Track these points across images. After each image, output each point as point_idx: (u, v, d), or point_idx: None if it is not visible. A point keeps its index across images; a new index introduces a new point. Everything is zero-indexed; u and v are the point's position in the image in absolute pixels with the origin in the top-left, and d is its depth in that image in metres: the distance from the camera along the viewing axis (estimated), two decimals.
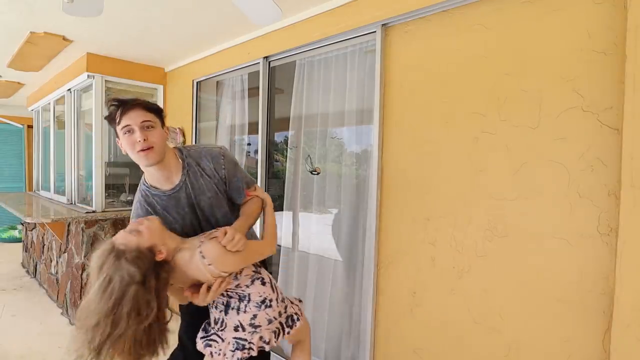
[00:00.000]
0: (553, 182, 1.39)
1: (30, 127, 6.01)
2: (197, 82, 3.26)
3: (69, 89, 3.65)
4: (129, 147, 1.31)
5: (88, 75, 3.22)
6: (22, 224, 5.43)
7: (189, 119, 3.29)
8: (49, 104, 4.26)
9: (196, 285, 1.21)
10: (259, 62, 2.61)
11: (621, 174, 1.20)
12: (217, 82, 3.23)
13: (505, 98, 1.51)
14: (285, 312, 1.39)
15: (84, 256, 3.11)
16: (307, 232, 2.50)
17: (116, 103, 1.33)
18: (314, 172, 2.37)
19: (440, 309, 1.73)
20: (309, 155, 2.41)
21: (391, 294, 1.93)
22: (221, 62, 2.96)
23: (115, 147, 3.84)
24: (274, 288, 1.36)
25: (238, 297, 1.28)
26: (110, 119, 1.34)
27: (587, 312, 1.32)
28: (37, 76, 3.95)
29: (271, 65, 2.59)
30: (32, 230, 4.63)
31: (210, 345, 1.29)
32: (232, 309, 1.28)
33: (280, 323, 1.35)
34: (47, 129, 4.48)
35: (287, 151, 2.62)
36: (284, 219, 2.68)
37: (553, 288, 1.40)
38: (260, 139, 2.63)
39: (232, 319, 1.28)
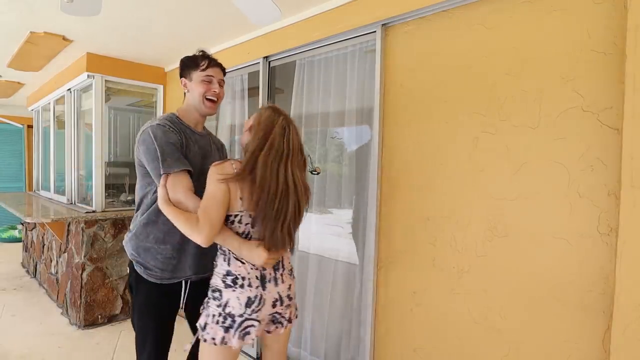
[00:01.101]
0: (553, 182, 1.39)
1: (30, 127, 6.01)
2: None
3: (69, 89, 3.65)
4: (201, 91, 1.52)
5: (88, 75, 3.22)
6: (22, 224, 5.43)
7: None
8: (49, 103, 4.27)
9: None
10: (259, 62, 2.61)
11: (621, 174, 1.20)
12: None
13: (505, 98, 1.51)
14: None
15: (84, 256, 3.11)
16: (307, 232, 2.50)
17: (206, 55, 1.59)
18: (314, 172, 2.37)
19: (440, 309, 1.73)
20: (309, 155, 2.41)
21: (391, 294, 1.93)
22: (221, 62, 2.95)
23: (115, 147, 3.85)
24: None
25: None
26: (193, 63, 1.56)
27: (587, 312, 1.32)
28: (37, 76, 3.95)
29: (271, 65, 2.59)
30: (32, 230, 4.63)
31: (248, 334, 1.30)
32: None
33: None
34: (47, 129, 4.48)
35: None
36: None
37: (553, 288, 1.40)
38: None
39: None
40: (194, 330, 1.57)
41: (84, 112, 3.68)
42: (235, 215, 1.31)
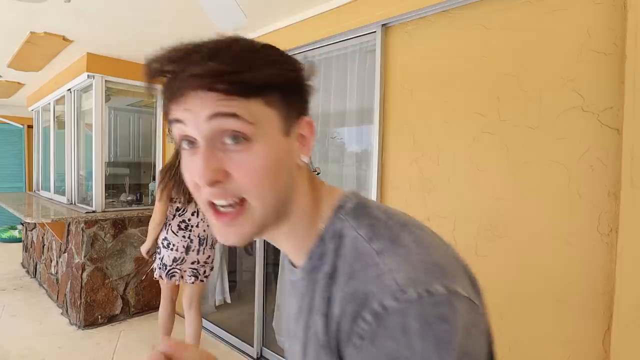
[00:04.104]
0: (553, 182, 1.39)
1: (30, 127, 6.01)
2: None
3: (69, 89, 3.65)
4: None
5: (88, 75, 3.22)
6: (22, 224, 5.43)
7: None
8: (49, 104, 4.27)
9: None
10: None
11: (621, 174, 1.20)
12: None
13: (505, 98, 1.51)
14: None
15: (84, 256, 3.11)
16: None
17: (154, 59, 1.17)
18: (313, 172, 2.37)
19: None
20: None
21: None
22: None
23: (115, 147, 3.85)
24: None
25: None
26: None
27: (587, 312, 1.32)
28: (37, 76, 3.95)
29: None
30: (32, 230, 4.63)
31: (174, 276, 2.28)
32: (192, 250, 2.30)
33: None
34: (47, 129, 4.48)
35: None
36: None
37: (553, 288, 1.40)
38: None
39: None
40: None
41: (84, 112, 3.68)
42: None
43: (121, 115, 3.90)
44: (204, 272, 2.34)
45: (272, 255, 2.74)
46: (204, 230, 2.30)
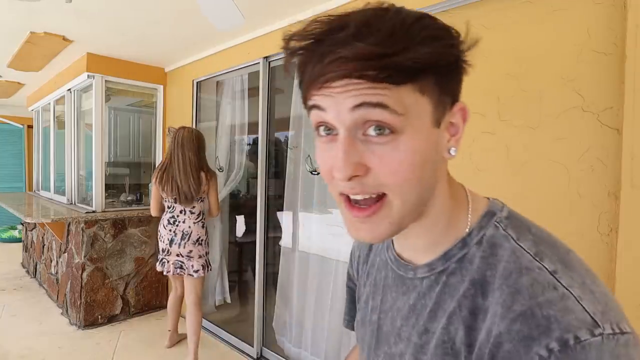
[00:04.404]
0: (553, 182, 1.39)
1: (30, 127, 6.01)
2: (197, 82, 3.26)
3: (69, 89, 3.65)
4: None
5: (88, 75, 3.22)
6: (22, 224, 5.43)
7: (189, 119, 3.29)
8: (49, 104, 4.27)
9: None
10: (259, 62, 2.61)
11: (621, 174, 1.20)
12: (217, 82, 3.23)
13: (505, 98, 1.51)
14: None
15: (84, 256, 3.11)
16: (307, 232, 2.50)
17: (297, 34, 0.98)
18: (314, 172, 2.37)
19: None
20: (309, 155, 2.41)
21: None
22: (221, 62, 2.96)
23: (115, 147, 3.85)
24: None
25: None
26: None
27: None
28: (37, 76, 3.95)
29: (271, 65, 2.59)
30: (32, 230, 4.63)
31: (164, 264, 2.55)
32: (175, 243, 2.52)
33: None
34: (47, 129, 4.48)
35: (287, 151, 2.62)
36: (284, 219, 2.68)
37: None
38: (260, 139, 2.63)
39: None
40: None
41: (84, 112, 3.68)
42: None
43: (121, 115, 3.90)
44: (192, 266, 2.50)
45: (272, 255, 2.74)
46: (189, 227, 2.50)
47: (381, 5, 0.40)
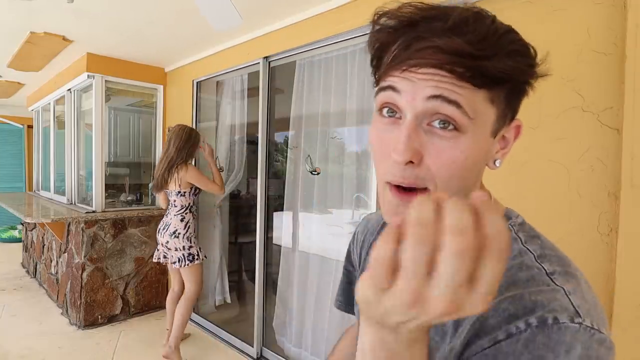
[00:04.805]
0: (553, 183, 1.39)
1: (30, 127, 6.01)
2: (197, 82, 3.26)
3: (69, 89, 3.65)
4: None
5: (88, 75, 3.22)
6: (22, 224, 5.43)
7: (189, 119, 3.30)
8: (49, 104, 4.27)
9: None
10: (259, 62, 2.61)
11: (621, 174, 1.20)
12: (217, 82, 3.24)
13: None
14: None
15: (84, 256, 3.11)
16: (307, 232, 2.50)
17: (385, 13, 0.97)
18: (313, 172, 2.37)
19: None
20: (309, 155, 2.41)
21: None
22: (221, 62, 2.96)
23: (115, 147, 3.85)
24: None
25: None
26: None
27: None
28: (37, 76, 3.95)
29: (271, 65, 2.59)
30: (32, 230, 4.63)
31: (166, 257, 2.69)
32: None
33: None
34: (47, 129, 4.48)
35: (287, 151, 2.62)
36: (284, 219, 2.68)
37: None
38: (260, 139, 2.63)
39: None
40: None
41: (84, 112, 3.68)
42: None
43: (121, 115, 3.90)
44: (172, 257, 2.63)
45: (272, 255, 2.74)
46: (170, 219, 2.64)
47: (481, 9, 0.42)
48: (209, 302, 3.33)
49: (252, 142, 3.08)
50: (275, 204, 2.80)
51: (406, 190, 0.43)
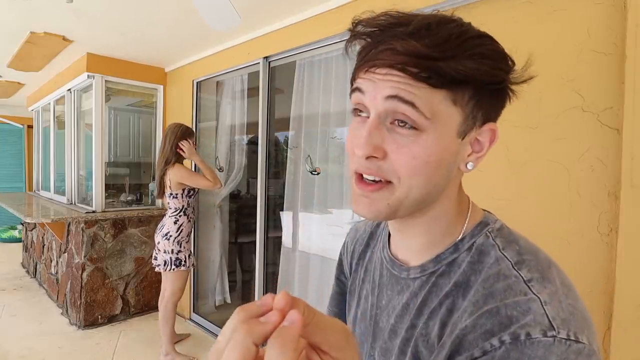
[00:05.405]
0: (553, 182, 1.39)
1: (30, 127, 6.01)
2: (197, 82, 3.26)
3: (69, 89, 3.65)
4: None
5: (88, 75, 3.22)
6: (22, 224, 5.43)
7: (189, 119, 3.29)
8: (49, 104, 4.27)
9: None
10: (259, 62, 2.61)
11: (621, 174, 1.20)
12: (217, 82, 3.23)
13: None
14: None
15: (84, 256, 3.11)
16: (307, 232, 2.50)
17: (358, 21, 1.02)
18: (313, 172, 2.37)
19: None
20: (309, 155, 2.41)
21: None
22: (221, 62, 2.96)
23: (115, 147, 3.85)
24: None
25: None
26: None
27: None
28: (37, 76, 3.95)
29: (271, 65, 2.59)
30: (32, 230, 4.63)
31: (156, 259, 2.62)
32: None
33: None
34: (47, 129, 4.48)
35: (287, 151, 2.62)
36: (284, 219, 2.68)
37: None
38: (260, 139, 2.63)
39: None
40: None
41: (84, 112, 3.68)
42: None
43: (121, 115, 3.90)
44: (159, 258, 2.57)
45: (272, 255, 2.74)
46: (165, 220, 2.63)
47: (452, 16, 0.44)
48: (209, 302, 3.33)
49: (252, 142, 3.08)
50: (275, 203, 2.80)
51: (370, 182, 0.45)
